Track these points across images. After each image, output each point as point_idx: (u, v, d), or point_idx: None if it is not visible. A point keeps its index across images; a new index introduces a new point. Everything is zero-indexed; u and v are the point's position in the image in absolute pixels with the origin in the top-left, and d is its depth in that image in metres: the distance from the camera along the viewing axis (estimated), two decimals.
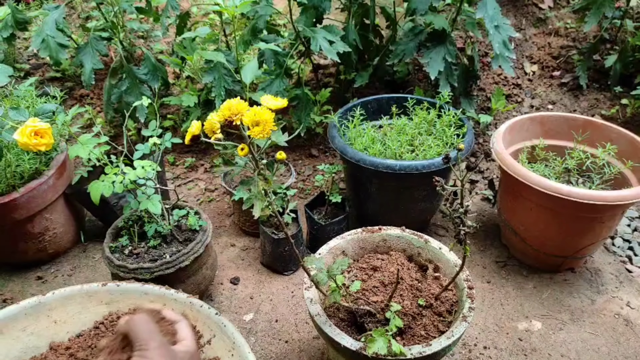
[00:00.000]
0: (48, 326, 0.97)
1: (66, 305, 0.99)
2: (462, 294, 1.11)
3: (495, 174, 2.07)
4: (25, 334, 0.96)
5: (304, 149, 2.20)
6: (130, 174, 1.26)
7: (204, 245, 1.36)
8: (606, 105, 2.32)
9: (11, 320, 0.94)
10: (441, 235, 1.79)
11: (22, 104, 1.64)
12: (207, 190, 2.04)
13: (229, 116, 0.79)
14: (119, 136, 2.25)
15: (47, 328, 0.97)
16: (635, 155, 1.53)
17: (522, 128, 1.69)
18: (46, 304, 0.97)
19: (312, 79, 2.43)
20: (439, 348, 0.96)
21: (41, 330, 0.97)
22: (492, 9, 1.84)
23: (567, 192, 1.34)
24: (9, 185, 1.49)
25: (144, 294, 1.00)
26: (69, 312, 0.99)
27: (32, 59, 2.72)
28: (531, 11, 2.68)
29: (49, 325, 0.97)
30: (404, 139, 1.61)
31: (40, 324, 0.97)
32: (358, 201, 1.72)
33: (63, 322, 0.98)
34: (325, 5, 1.85)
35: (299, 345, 1.38)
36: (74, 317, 0.99)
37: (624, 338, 1.39)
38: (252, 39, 1.85)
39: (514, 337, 1.40)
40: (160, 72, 2.05)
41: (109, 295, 1.00)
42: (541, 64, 2.54)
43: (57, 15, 1.92)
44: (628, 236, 1.75)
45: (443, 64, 1.89)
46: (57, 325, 0.98)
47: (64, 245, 1.70)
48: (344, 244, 1.26)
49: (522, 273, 1.62)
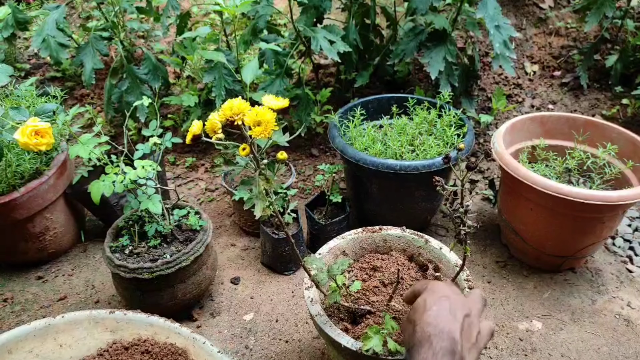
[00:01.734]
0: (53, 349, 0.98)
1: (73, 330, 0.99)
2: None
3: (496, 173, 2.07)
4: (32, 355, 0.96)
5: (305, 149, 2.20)
6: (131, 174, 1.26)
7: (204, 245, 1.36)
8: (607, 105, 2.32)
9: (21, 340, 0.94)
10: (441, 235, 1.78)
11: (23, 104, 1.64)
12: (208, 190, 2.04)
13: (230, 116, 0.79)
14: (120, 136, 2.25)
15: (52, 351, 0.97)
16: (635, 155, 1.53)
17: (523, 128, 1.69)
18: (55, 327, 0.97)
19: (313, 78, 2.43)
20: None
21: (47, 353, 0.97)
22: (493, 9, 1.84)
23: (567, 192, 1.34)
24: (10, 185, 1.49)
25: (149, 325, 1.00)
26: (74, 336, 0.99)
27: (32, 58, 2.72)
28: (532, 11, 2.68)
29: (54, 349, 0.98)
30: (404, 139, 1.61)
31: (46, 347, 0.97)
32: (358, 201, 1.72)
33: (68, 346, 0.99)
34: (326, 5, 1.85)
35: (299, 345, 1.38)
36: (78, 342, 0.99)
37: (624, 338, 1.39)
38: (252, 38, 1.85)
39: (514, 337, 1.40)
40: (161, 71, 2.05)
41: (115, 323, 1.01)
42: (542, 64, 2.54)
43: (58, 15, 1.92)
44: (629, 236, 1.75)
45: (443, 64, 1.89)
46: (62, 349, 0.98)
47: (65, 244, 1.70)
48: (344, 244, 1.26)
49: (522, 273, 1.62)
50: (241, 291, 1.57)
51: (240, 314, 1.48)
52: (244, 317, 1.47)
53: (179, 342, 0.98)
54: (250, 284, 1.59)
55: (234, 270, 1.65)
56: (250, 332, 1.42)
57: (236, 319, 1.47)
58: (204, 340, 0.96)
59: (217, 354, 0.94)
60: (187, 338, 0.98)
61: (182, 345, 0.97)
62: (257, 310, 1.49)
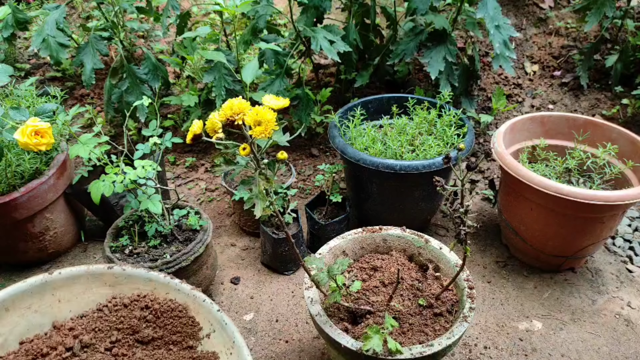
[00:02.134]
0: (52, 304, 0.98)
1: (71, 285, 0.99)
2: (462, 294, 1.11)
3: (496, 173, 2.07)
4: (30, 311, 0.96)
5: (305, 149, 2.20)
6: (131, 174, 1.26)
7: (204, 245, 1.36)
8: (607, 105, 2.32)
9: (18, 297, 0.95)
10: (441, 235, 1.79)
11: (23, 104, 1.64)
12: (208, 190, 2.04)
13: (230, 115, 0.79)
14: (120, 136, 2.25)
15: (51, 306, 0.98)
16: (635, 155, 1.53)
17: (523, 128, 1.69)
18: (52, 283, 0.97)
19: (313, 78, 2.43)
20: (440, 348, 0.96)
21: (45, 308, 0.97)
22: (493, 9, 1.84)
23: (567, 192, 1.34)
24: (10, 185, 1.49)
25: (148, 281, 1.00)
26: (73, 291, 0.99)
27: (32, 58, 2.72)
28: (532, 11, 2.68)
29: (52, 304, 0.98)
30: (404, 139, 1.61)
31: (44, 302, 0.97)
32: (358, 201, 1.72)
33: (67, 301, 0.99)
34: (326, 5, 1.85)
35: (299, 345, 1.38)
36: (77, 296, 0.99)
37: (624, 338, 1.39)
38: (252, 38, 1.85)
39: (514, 337, 1.40)
40: (161, 71, 2.05)
41: (113, 277, 1.00)
42: (542, 64, 2.54)
43: (58, 15, 1.92)
44: (629, 236, 1.75)
45: (443, 64, 1.89)
46: (60, 304, 0.98)
47: (65, 244, 1.70)
48: (345, 244, 1.26)
49: (522, 273, 1.62)
50: (241, 291, 1.57)
51: (240, 314, 1.48)
52: (244, 317, 1.47)
53: (179, 298, 0.98)
54: (250, 284, 1.59)
55: (234, 270, 1.65)
56: (250, 332, 1.42)
57: (236, 319, 1.47)
58: (204, 298, 0.97)
59: (217, 312, 0.95)
60: (187, 295, 0.98)
61: (182, 302, 0.98)
62: (257, 310, 1.49)
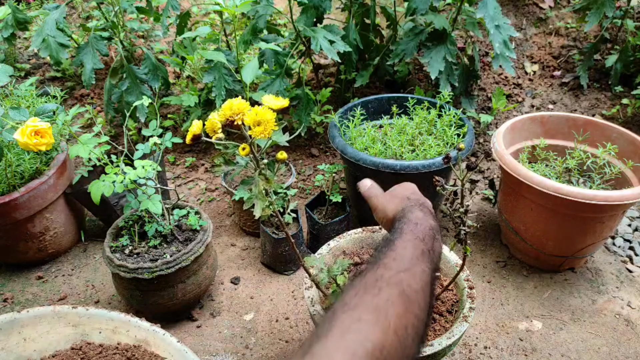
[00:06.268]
0: (18, 343, 0.99)
1: (37, 324, 1.01)
2: (462, 293, 1.11)
3: (496, 173, 2.07)
4: None
5: (305, 149, 2.20)
6: (131, 174, 1.26)
7: (204, 245, 1.36)
8: (607, 105, 2.32)
9: None
10: (441, 235, 1.78)
11: (23, 104, 1.64)
12: (208, 190, 2.04)
13: (230, 116, 0.78)
14: (120, 136, 2.25)
15: (17, 345, 0.99)
16: (636, 155, 1.53)
17: (523, 128, 1.69)
18: (20, 321, 0.99)
19: (313, 78, 2.43)
20: (440, 348, 0.96)
21: (11, 346, 0.99)
22: (493, 9, 1.84)
23: (567, 192, 1.34)
24: (10, 185, 1.49)
25: (110, 320, 1.03)
26: (38, 330, 1.01)
27: (32, 58, 2.72)
28: (532, 11, 2.68)
29: (18, 342, 0.99)
30: (404, 139, 1.61)
31: (11, 341, 0.99)
32: (358, 201, 1.72)
33: (32, 340, 1.01)
34: (326, 5, 1.85)
35: (299, 345, 1.38)
36: (42, 336, 1.02)
37: (624, 338, 1.39)
38: (252, 38, 1.85)
39: (514, 336, 1.40)
40: (161, 71, 2.05)
41: (77, 317, 1.03)
42: (542, 64, 2.54)
43: (58, 15, 1.92)
44: (629, 236, 1.75)
45: (443, 64, 1.89)
46: (26, 343, 1.00)
47: (65, 244, 1.70)
48: (345, 244, 1.26)
49: (522, 273, 1.62)
50: (241, 291, 1.57)
51: (240, 314, 1.48)
52: (244, 317, 1.47)
53: (139, 335, 1.02)
54: (250, 284, 1.59)
55: (234, 270, 1.65)
56: (250, 332, 1.42)
57: (236, 319, 1.47)
58: (164, 332, 1.00)
59: (177, 344, 0.98)
60: (147, 331, 1.01)
61: (142, 338, 1.01)
62: (257, 310, 1.49)
